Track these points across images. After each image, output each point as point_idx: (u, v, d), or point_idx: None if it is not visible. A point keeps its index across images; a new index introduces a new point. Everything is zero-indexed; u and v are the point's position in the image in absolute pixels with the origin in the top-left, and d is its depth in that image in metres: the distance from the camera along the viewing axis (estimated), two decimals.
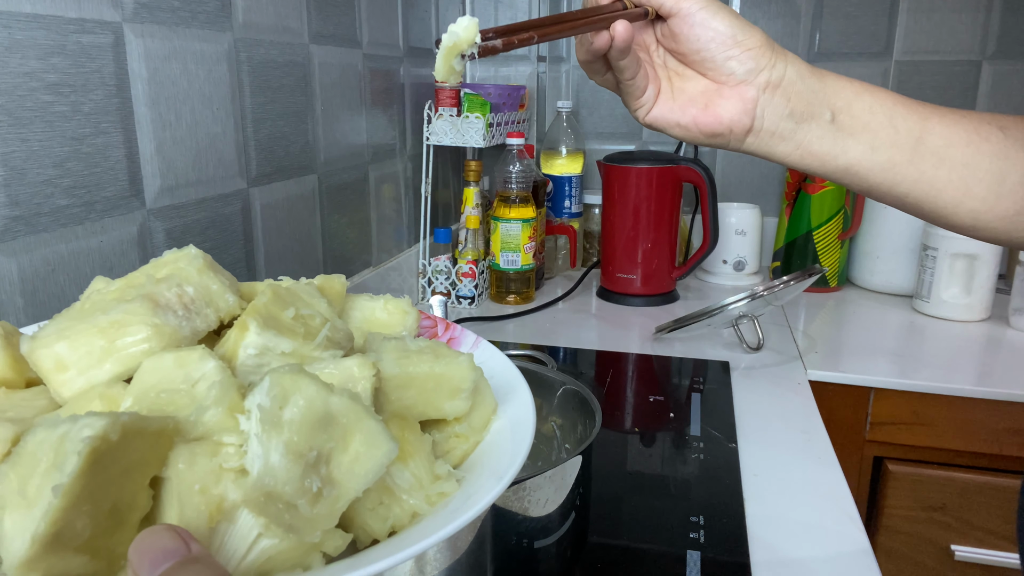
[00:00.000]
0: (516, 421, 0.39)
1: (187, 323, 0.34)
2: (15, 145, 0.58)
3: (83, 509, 0.25)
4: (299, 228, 0.98)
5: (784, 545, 0.64)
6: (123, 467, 0.26)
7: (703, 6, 0.51)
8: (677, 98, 0.54)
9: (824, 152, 0.52)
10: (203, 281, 0.36)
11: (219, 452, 0.29)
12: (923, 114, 0.51)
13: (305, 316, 0.37)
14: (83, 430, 0.25)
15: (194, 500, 0.28)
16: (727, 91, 0.52)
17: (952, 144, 0.51)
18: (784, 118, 0.52)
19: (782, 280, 0.99)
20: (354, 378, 0.33)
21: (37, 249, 0.61)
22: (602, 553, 0.62)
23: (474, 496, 0.32)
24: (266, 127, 0.89)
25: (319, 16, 0.98)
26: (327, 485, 0.29)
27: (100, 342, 0.32)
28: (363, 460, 0.29)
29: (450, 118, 1.25)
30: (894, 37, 1.42)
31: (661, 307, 1.30)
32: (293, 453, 0.28)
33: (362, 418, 0.30)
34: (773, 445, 0.81)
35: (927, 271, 1.22)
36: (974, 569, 1.02)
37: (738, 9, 1.47)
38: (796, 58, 0.53)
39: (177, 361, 0.32)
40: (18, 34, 0.57)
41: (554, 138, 1.48)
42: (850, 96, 0.52)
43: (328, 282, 0.43)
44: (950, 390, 0.98)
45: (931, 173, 0.51)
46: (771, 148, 0.53)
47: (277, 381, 0.29)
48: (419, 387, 0.37)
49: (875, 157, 0.51)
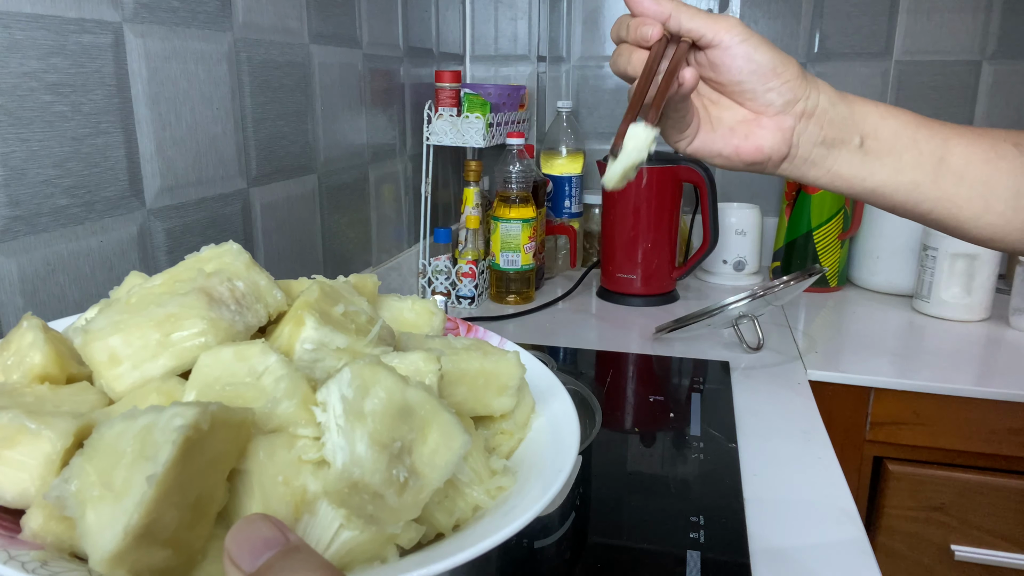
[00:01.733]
0: (555, 418, 0.39)
1: (240, 318, 0.34)
2: (15, 145, 0.58)
3: (173, 500, 0.24)
4: (299, 228, 0.98)
5: (784, 545, 0.64)
6: (208, 458, 0.26)
7: (744, 38, 0.51)
8: (716, 128, 0.54)
9: (852, 175, 0.54)
10: (252, 276, 0.36)
11: (296, 444, 0.29)
12: (944, 135, 0.53)
13: (352, 313, 0.37)
14: (175, 419, 0.24)
15: (278, 491, 0.28)
16: (766, 120, 0.53)
17: (971, 163, 0.53)
18: (817, 145, 0.53)
19: (782, 280, 0.99)
20: (421, 371, 0.33)
21: (37, 249, 0.61)
22: (602, 553, 0.62)
23: (532, 493, 0.32)
24: (266, 127, 0.89)
25: (319, 16, 0.98)
26: (412, 475, 0.29)
27: (155, 335, 0.32)
28: (442, 451, 0.30)
29: (450, 118, 1.25)
30: (894, 37, 1.42)
31: (661, 307, 1.30)
32: (378, 444, 0.28)
33: (438, 410, 0.30)
34: (773, 445, 0.81)
35: (927, 271, 1.22)
36: (974, 569, 1.02)
37: (738, 10, 1.47)
38: (826, 85, 0.54)
39: (237, 355, 0.31)
40: (18, 34, 0.57)
41: (554, 138, 1.48)
42: (876, 120, 0.53)
43: (362, 281, 0.44)
44: (950, 390, 0.98)
45: (952, 191, 0.53)
46: (803, 173, 0.55)
47: (358, 373, 0.30)
48: (470, 383, 0.37)
49: (900, 178, 0.53)
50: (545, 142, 1.51)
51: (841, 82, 1.46)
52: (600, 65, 1.57)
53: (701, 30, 0.51)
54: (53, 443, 0.28)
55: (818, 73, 1.47)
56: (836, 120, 0.53)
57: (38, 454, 0.28)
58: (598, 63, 1.57)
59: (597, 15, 1.55)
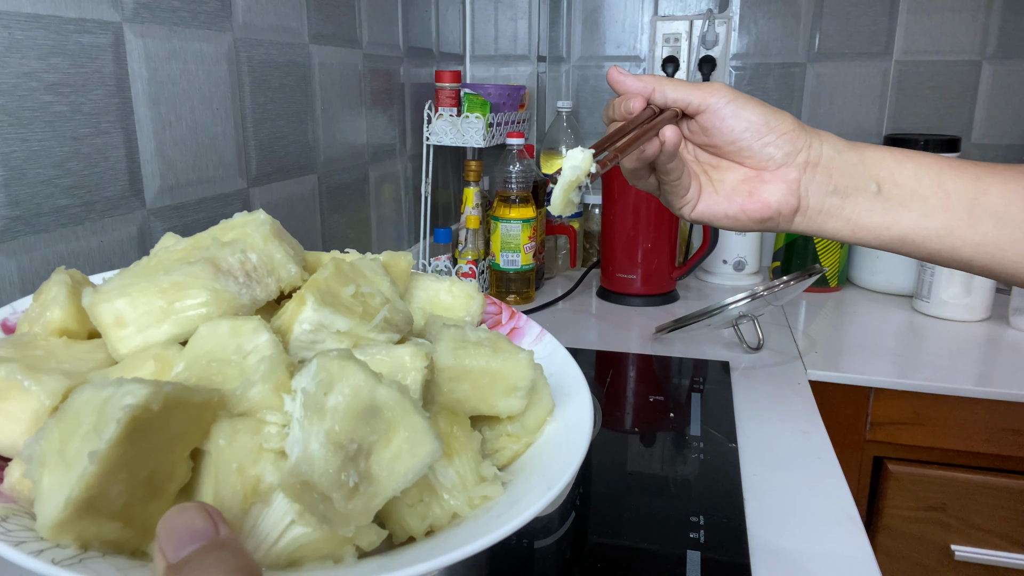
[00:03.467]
0: (572, 425, 0.37)
1: (247, 291, 0.34)
2: (15, 145, 0.58)
3: (119, 477, 0.24)
4: (299, 228, 0.98)
5: (784, 545, 0.64)
6: (164, 437, 0.26)
7: (731, 99, 0.51)
8: (719, 190, 0.54)
9: (875, 224, 0.52)
10: (267, 249, 0.35)
11: (261, 430, 0.28)
12: (975, 175, 0.50)
13: (365, 295, 0.35)
14: (125, 397, 0.24)
15: (230, 479, 0.27)
16: (768, 175, 0.53)
17: (1011, 203, 0.49)
18: (828, 194, 0.52)
19: (782, 280, 0.98)
20: (405, 368, 0.32)
21: (37, 249, 0.61)
22: (602, 553, 0.62)
23: (519, 503, 0.31)
24: (266, 127, 0.89)
25: (319, 16, 0.98)
26: (364, 481, 0.28)
27: (160, 302, 0.32)
28: (405, 458, 0.28)
29: (450, 118, 1.25)
30: (894, 37, 1.42)
31: (661, 307, 1.30)
32: (333, 443, 0.27)
33: (408, 413, 0.28)
34: (773, 445, 0.81)
35: (927, 271, 1.22)
36: (974, 569, 1.02)
37: (738, 10, 1.47)
38: (830, 135, 0.53)
39: (232, 330, 0.31)
40: (18, 34, 0.57)
41: (554, 138, 1.48)
42: (892, 165, 0.51)
43: (394, 259, 0.42)
44: (950, 390, 0.98)
45: (993, 234, 0.49)
46: (821, 226, 0.53)
47: (324, 366, 0.28)
48: (474, 381, 0.35)
49: (929, 223, 0.50)
50: (545, 142, 1.51)
51: (841, 82, 1.46)
52: (600, 65, 1.57)
53: (687, 98, 0.52)
54: (41, 400, 0.29)
55: (818, 73, 1.47)
56: (845, 168, 0.51)
57: (27, 409, 0.29)
58: (598, 63, 1.57)
59: (597, 15, 1.55)
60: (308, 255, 0.41)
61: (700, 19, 1.48)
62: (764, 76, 1.49)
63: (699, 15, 1.49)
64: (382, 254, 0.42)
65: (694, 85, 0.52)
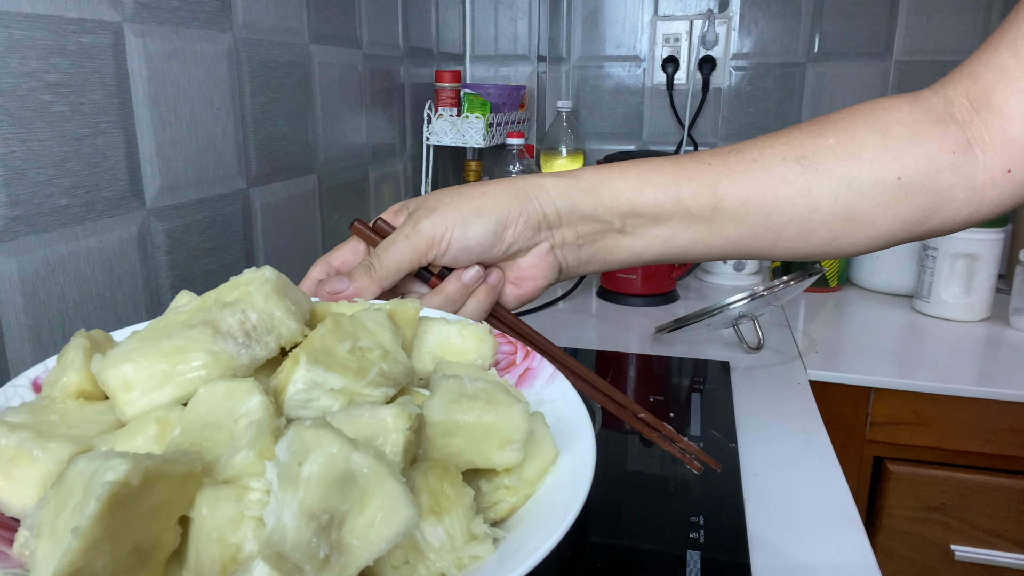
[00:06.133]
0: (575, 475, 0.36)
1: (246, 351, 0.35)
2: (15, 145, 0.58)
3: (103, 549, 0.25)
4: (299, 228, 0.98)
5: (784, 545, 0.64)
6: (146, 509, 0.27)
7: (443, 234, 0.48)
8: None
9: (628, 256, 0.52)
10: (268, 307, 0.36)
11: (244, 497, 0.29)
12: (712, 181, 0.49)
13: (363, 349, 0.36)
14: (106, 473, 0.25)
15: (210, 548, 0.28)
16: (522, 262, 0.52)
17: (748, 202, 0.49)
18: (579, 248, 0.51)
19: (782, 280, 0.99)
20: (387, 430, 0.32)
21: (37, 249, 0.61)
22: (602, 553, 0.62)
23: (508, 563, 0.30)
24: (266, 127, 0.89)
25: (319, 16, 0.98)
26: (336, 551, 0.28)
27: (162, 366, 0.33)
28: (379, 526, 0.28)
29: (450, 118, 1.25)
30: (894, 37, 1.42)
31: (661, 307, 1.30)
32: (306, 514, 0.27)
33: (384, 479, 0.28)
34: (773, 445, 0.81)
35: (927, 271, 1.22)
36: (974, 569, 1.02)
37: (738, 10, 1.47)
38: (553, 181, 0.50)
39: (228, 392, 0.32)
40: (18, 34, 0.57)
41: (554, 138, 1.48)
42: (630, 196, 0.50)
43: (401, 307, 0.42)
44: (950, 390, 0.98)
45: (735, 234, 0.50)
46: (583, 271, 0.53)
47: (298, 435, 0.29)
48: (467, 435, 0.35)
49: (677, 240, 0.51)
50: (545, 142, 1.51)
51: (841, 82, 1.46)
52: (600, 65, 1.57)
53: (404, 267, 0.49)
54: (48, 467, 0.31)
55: (818, 73, 1.47)
56: (586, 216, 0.50)
57: (36, 475, 0.31)
58: (598, 63, 1.57)
59: (597, 15, 1.55)
60: (317, 306, 0.42)
61: (700, 19, 1.48)
62: (764, 76, 1.49)
63: (699, 15, 1.49)
64: (389, 302, 0.42)
65: (406, 245, 0.49)
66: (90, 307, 0.66)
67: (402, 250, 0.48)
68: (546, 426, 0.37)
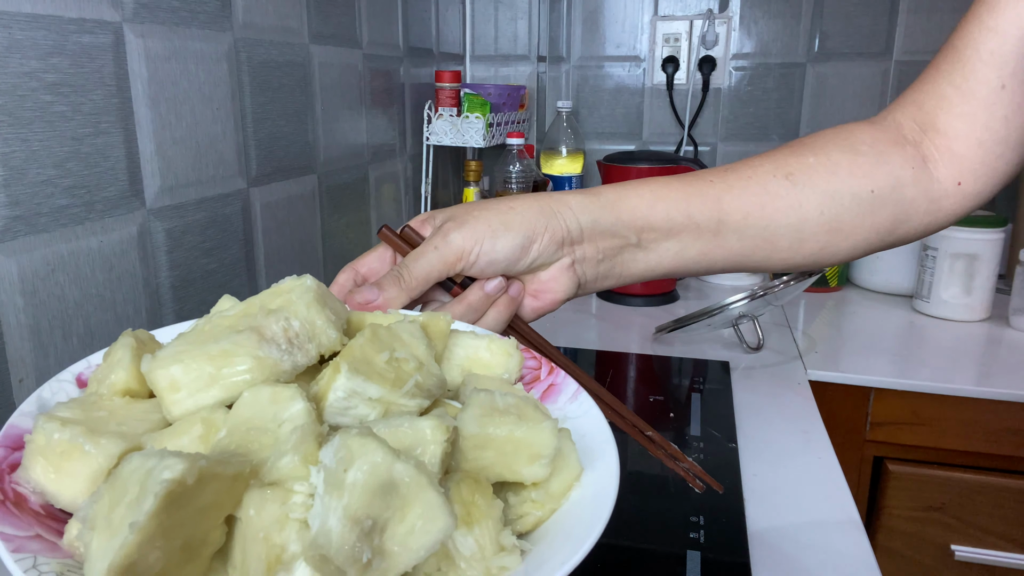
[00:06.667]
0: (599, 492, 0.37)
1: (288, 357, 0.36)
2: (15, 145, 0.58)
3: (156, 544, 0.26)
4: (299, 228, 0.98)
5: (784, 545, 0.64)
6: (198, 507, 0.28)
7: (473, 244, 0.50)
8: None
9: (641, 270, 0.54)
10: (310, 315, 0.37)
11: (289, 500, 0.30)
12: (716, 194, 0.53)
13: (400, 360, 0.37)
14: (163, 471, 0.26)
15: (256, 549, 0.29)
16: (544, 275, 0.53)
17: (748, 215, 0.53)
18: (599, 263, 0.53)
19: (782, 280, 0.99)
20: (425, 441, 0.33)
21: (37, 249, 0.61)
22: (602, 553, 0.62)
23: (535, 574, 0.32)
24: (266, 127, 0.89)
25: (319, 16, 0.98)
26: (378, 556, 0.29)
27: (209, 368, 0.35)
28: (418, 534, 0.29)
29: (450, 118, 1.25)
30: (894, 37, 1.42)
31: (661, 307, 1.30)
32: (350, 519, 0.29)
33: (424, 489, 0.29)
34: (773, 445, 0.81)
35: (927, 271, 1.22)
36: (974, 569, 1.02)
37: (738, 10, 1.47)
38: (577, 198, 0.52)
39: (272, 397, 0.33)
40: (18, 34, 0.57)
41: (554, 138, 1.48)
42: (645, 212, 0.52)
43: (433, 320, 0.43)
44: (950, 390, 0.98)
45: (738, 247, 0.54)
46: (597, 287, 0.55)
47: (345, 443, 0.30)
48: (498, 449, 0.36)
49: (686, 254, 0.54)
50: (545, 142, 1.51)
51: (841, 82, 1.46)
52: (600, 65, 1.57)
53: (432, 278, 0.50)
54: (99, 462, 0.33)
55: (818, 73, 1.47)
56: (605, 232, 0.52)
57: (86, 470, 0.32)
58: (598, 63, 1.57)
59: (597, 15, 1.55)
60: (352, 315, 0.43)
61: (700, 19, 1.48)
62: (764, 76, 1.49)
63: (699, 15, 1.49)
64: (421, 314, 0.44)
65: (432, 254, 0.50)
66: (90, 307, 0.66)
67: (432, 261, 0.50)
68: (572, 443, 0.39)
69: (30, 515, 0.32)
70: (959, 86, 0.52)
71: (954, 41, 0.53)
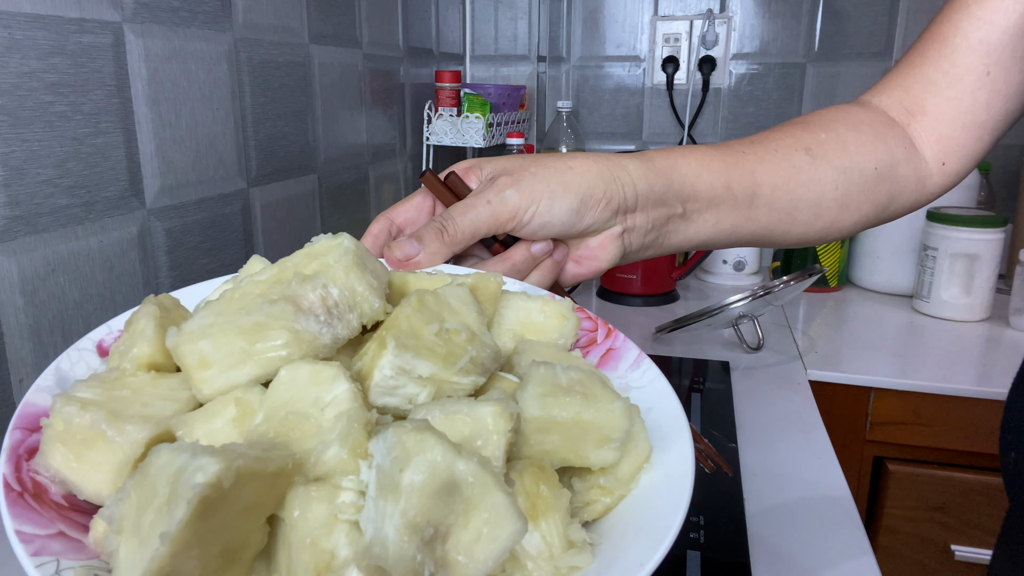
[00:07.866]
0: (671, 476, 0.33)
1: (328, 329, 0.32)
2: (15, 145, 0.58)
3: (191, 554, 0.24)
4: (299, 228, 0.98)
5: (784, 545, 0.64)
6: (237, 509, 0.25)
7: (529, 205, 0.46)
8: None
9: (680, 241, 0.54)
10: (349, 282, 0.33)
11: (336, 498, 0.27)
12: (750, 166, 0.52)
13: (451, 331, 0.33)
14: (196, 474, 0.23)
15: (303, 555, 0.26)
16: (593, 241, 0.51)
17: (777, 187, 0.53)
18: (647, 233, 0.52)
19: (782, 280, 0.98)
20: (487, 431, 0.30)
21: (37, 249, 0.61)
22: None
23: (610, 573, 0.28)
24: (266, 127, 0.89)
25: (319, 16, 0.98)
26: (441, 569, 0.26)
27: (241, 343, 0.31)
28: (485, 542, 0.26)
29: (450, 118, 1.25)
30: (894, 37, 1.42)
31: (661, 307, 1.30)
32: (409, 527, 0.25)
33: (489, 490, 0.26)
34: (773, 445, 0.81)
35: (927, 271, 1.22)
36: (974, 569, 1.02)
37: (738, 10, 1.47)
38: (635, 162, 0.50)
39: (312, 376, 0.30)
40: (18, 34, 0.57)
41: (554, 138, 1.48)
42: (693, 180, 0.51)
43: (483, 281, 0.39)
44: (950, 390, 0.98)
45: (766, 220, 0.54)
46: (638, 257, 0.54)
47: (400, 440, 0.26)
48: (563, 432, 0.32)
49: (721, 226, 0.53)
50: (545, 142, 1.51)
51: (841, 82, 1.46)
52: (600, 65, 1.57)
53: (479, 234, 0.46)
54: (124, 451, 0.29)
55: (818, 73, 1.47)
56: (657, 200, 0.50)
57: (111, 459, 0.29)
58: (598, 63, 1.57)
59: (597, 15, 1.55)
60: (394, 276, 0.39)
61: (700, 19, 1.48)
62: (764, 76, 1.49)
63: (699, 15, 1.49)
64: (470, 276, 0.39)
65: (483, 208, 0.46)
66: (90, 307, 0.66)
67: (481, 216, 0.45)
68: (642, 421, 0.35)
69: (52, 508, 0.29)
70: (947, 71, 0.54)
71: (940, 28, 0.54)
